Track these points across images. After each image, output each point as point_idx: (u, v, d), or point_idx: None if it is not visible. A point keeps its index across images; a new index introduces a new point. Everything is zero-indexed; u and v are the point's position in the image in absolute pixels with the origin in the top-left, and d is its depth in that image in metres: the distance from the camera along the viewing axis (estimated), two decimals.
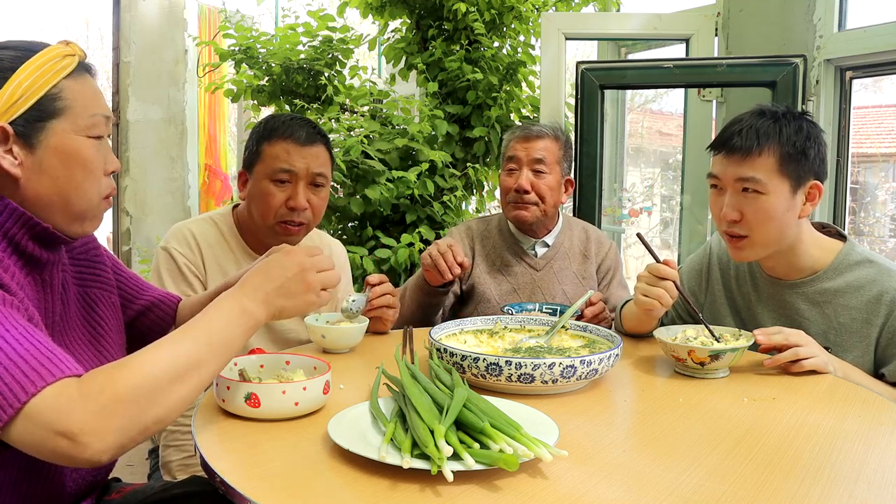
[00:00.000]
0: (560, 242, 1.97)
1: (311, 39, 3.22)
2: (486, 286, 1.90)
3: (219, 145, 4.62)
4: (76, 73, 0.93)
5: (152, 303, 1.24)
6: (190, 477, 1.27)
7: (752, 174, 1.35)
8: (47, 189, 0.92)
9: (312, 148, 1.53)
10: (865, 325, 1.39)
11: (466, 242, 1.97)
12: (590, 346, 1.34)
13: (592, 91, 2.52)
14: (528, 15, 3.20)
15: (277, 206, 1.52)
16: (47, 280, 0.96)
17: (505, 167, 1.93)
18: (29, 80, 0.89)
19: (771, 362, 1.30)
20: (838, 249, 1.45)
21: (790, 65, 2.29)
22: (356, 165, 2.81)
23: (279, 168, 1.51)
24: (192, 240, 1.55)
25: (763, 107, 1.42)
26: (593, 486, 0.81)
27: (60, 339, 0.99)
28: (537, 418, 0.97)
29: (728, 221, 1.40)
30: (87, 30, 11.68)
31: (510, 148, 1.93)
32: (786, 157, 1.35)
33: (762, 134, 1.36)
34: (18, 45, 0.92)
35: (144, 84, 4.09)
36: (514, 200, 1.88)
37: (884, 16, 2.23)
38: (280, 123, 1.55)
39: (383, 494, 0.78)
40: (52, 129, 0.91)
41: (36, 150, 0.90)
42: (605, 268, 1.99)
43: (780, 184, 1.35)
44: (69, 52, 0.94)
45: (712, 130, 2.76)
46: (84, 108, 0.93)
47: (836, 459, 0.90)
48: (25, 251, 0.91)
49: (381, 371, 1.10)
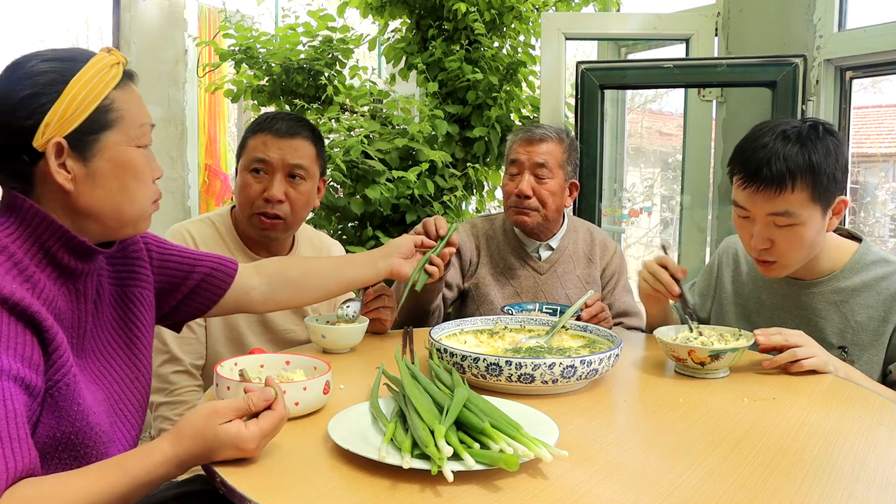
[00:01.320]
0: (564, 246, 1.95)
1: (311, 39, 3.21)
2: (489, 287, 1.90)
3: (219, 145, 4.62)
4: (123, 83, 0.94)
5: (209, 272, 1.21)
6: (190, 477, 1.27)
7: (786, 208, 1.32)
8: (99, 201, 0.92)
9: (292, 140, 1.53)
10: (883, 322, 1.39)
11: (472, 241, 1.96)
12: (590, 346, 1.34)
13: (592, 91, 2.52)
14: (528, 15, 3.20)
15: (254, 198, 1.52)
16: (80, 290, 0.95)
17: (507, 170, 1.91)
18: (83, 93, 0.89)
19: (770, 363, 1.30)
20: (854, 249, 1.46)
21: (790, 65, 2.29)
22: (356, 165, 2.81)
23: (254, 157, 1.53)
24: (190, 240, 1.55)
25: (785, 126, 1.36)
26: (593, 486, 0.81)
27: (93, 345, 0.99)
28: (537, 418, 0.97)
29: (759, 250, 1.39)
30: (87, 30, 11.67)
31: (513, 151, 1.90)
32: (819, 185, 1.31)
33: (793, 165, 1.30)
34: (65, 56, 0.92)
35: (144, 84, 4.06)
36: (515, 205, 1.86)
37: (884, 16, 2.23)
38: (266, 118, 1.57)
39: (383, 494, 0.78)
40: (105, 142, 0.92)
41: (90, 163, 0.91)
42: (610, 272, 1.97)
43: (813, 212, 1.33)
44: (115, 61, 0.94)
45: (712, 130, 2.76)
46: (134, 119, 0.95)
47: (836, 459, 0.90)
48: (60, 263, 0.91)
49: (381, 371, 1.10)
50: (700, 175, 2.78)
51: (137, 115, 0.95)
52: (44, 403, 0.86)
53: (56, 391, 0.86)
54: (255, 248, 1.60)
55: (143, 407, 1.07)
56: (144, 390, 1.07)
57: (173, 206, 4.21)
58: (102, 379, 0.99)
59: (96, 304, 1.00)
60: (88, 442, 0.89)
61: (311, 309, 1.64)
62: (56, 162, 0.88)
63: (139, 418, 1.05)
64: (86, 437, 0.90)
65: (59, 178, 0.89)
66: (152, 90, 4.12)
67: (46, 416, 0.86)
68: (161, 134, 4.15)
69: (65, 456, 0.88)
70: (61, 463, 0.88)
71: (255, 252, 1.60)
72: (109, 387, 1.00)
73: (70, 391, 0.88)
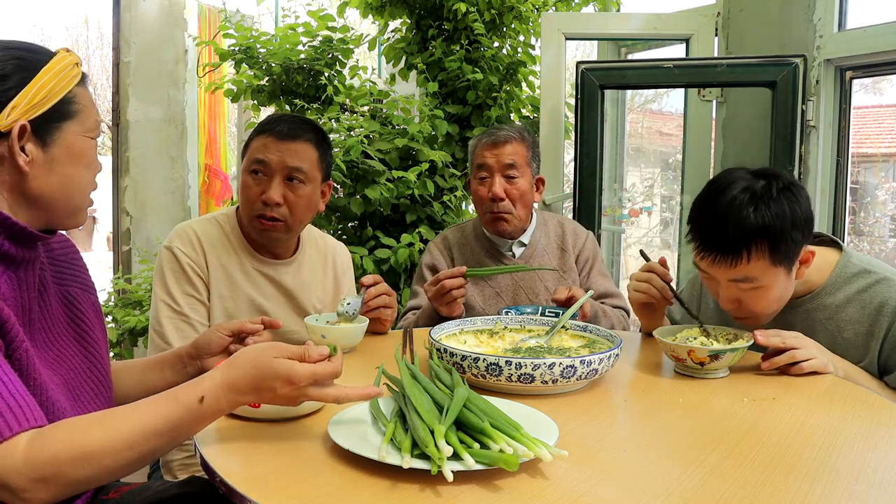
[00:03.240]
0: (536, 240, 1.96)
1: (311, 39, 3.21)
2: (469, 294, 1.89)
3: (219, 145, 4.62)
4: (82, 81, 1.01)
5: None
6: (190, 477, 1.27)
7: (745, 275, 1.30)
8: (52, 186, 0.97)
9: (293, 143, 1.51)
10: (868, 337, 1.36)
11: (445, 255, 1.97)
12: (590, 346, 1.34)
13: (592, 91, 2.52)
14: (528, 15, 3.20)
15: (253, 200, 1.52)
16: (23, 278, 0.97)
17: (476, 175, 1.91)
18: (51, 83, 0.95)
19: (769, 365, 1.29)
20: (835, 262, 1.42)
21: (790, 65, 2.29)
22: (356, 165, 2.81)
23: (254, 159, 1.52)
24: (195, 239, 1.55)
25: (740, 184, 1.30)
26: (593, 486, 0.81)
27: (43, 336, 1.01)
28: (537, 418, 0.97)
29: (727, 309, 1.37)
30: (86, 30, 11.68)
31: (479, 156, 1.90)
32: (776, 251, 1.27)
33: (746, 233, 1.26)
34: (31, 48, 0.98)
35: (144, 84, 4.09)
36: (491, 210, 1.88)
37: (884, 16, 2.23)
38: (270, 120, 1.56)
39: (383, 494, 0.78)
40: (66, 130, 0.97)
41: (49, 149, 0.96)
42: (584, 258, 1.98)
43: (775, 273, 1.30)
44: (76, 61, 1.01)
45: (712, 130, 2.76)
46: (90, 114, 1.01)
47: (836, 459, 0.90)
48: (1, 249, 0.93)
49: (381, 371, 1.10)
50: (700, 175, 2.78)
51: (92, 112, 1.02)
52: None
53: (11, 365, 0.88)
54: (259, 249, 1.60)
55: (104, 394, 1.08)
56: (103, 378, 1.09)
57: (173, 205, 4.21)
58: (56, 365, 1.01)
59: (42, 295, 1.02)
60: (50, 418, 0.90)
61: (312, 308, 1.64)
62: (18, 144, 0.93)
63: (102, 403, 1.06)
64: (48, 413, 0.91)
65: (18, 160, 0.93)
66: (152, 90, 4.11)
67: None
68: (161, 134, 4.15)
69: None
70: None
71: (260, 253, 1.60)
72: (65, 374, 1.02)
73: (23, 366, 0.90)
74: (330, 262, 1.73)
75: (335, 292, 1.72)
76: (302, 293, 1.63)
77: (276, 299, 1.60)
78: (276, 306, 1.59)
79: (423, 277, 1.92)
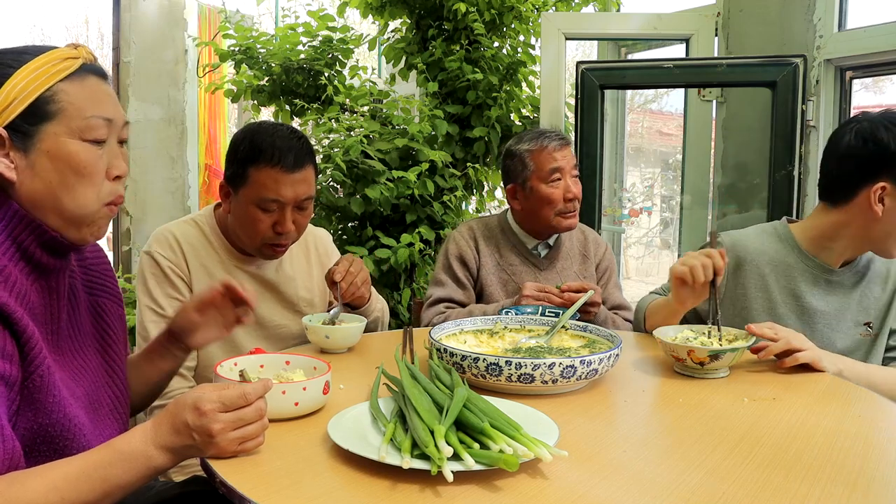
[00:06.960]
0: (561, 243, 1.99)
1: (311, 39, 3.22)
2: (493, 287, 1.91)
3: (219, 145, 4.62)
4: (76, 76, 0.91)
5: None
6: (190, 477, 1.27)
7: None
8: (39, 193, 0.90)
9: (300, 173, 1.47)
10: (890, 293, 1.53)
11: (471, 244, 1.97)
12: (590, 346, 1.34)
13: (592, 91, 2.52)
14: (528, 15, 3.20)
15: (265, 232, 1.49)
16: (53, 286, 0.95)
17: (548, 178, 1.89)
18: (23, 84, 0.88)
19: (765, 354, 1.31)
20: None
21: (790, 65, 2.29)
22: (356, 165, 2.81)
23: (268, 198, 1.46)
24: (174, 243, 1.54)
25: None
26: (593, 486, 0.81)
27: (69, 344, 0.99)
28: (537, 418, 0.97)
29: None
30: (87, 30, 11.67)
31: (552, 159, 1.89)
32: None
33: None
34: (24, 49, 0.91)
35: (144, 84, 4.09)
36: (565, 211, 1.90)
37: (884, 16, 2.23)
38: (267, 145, 1.46)
39: (383, 494, 0.78)
40: (44, 132, 0.89)
41: (30, 154, 0.89)
42: (603, 268, 2.02)
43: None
44: (71, 55, 0.92)
45: (712, 130, 2.76)
46: (79, 111, 0.90)
47: (836, 459, 0.90)
48: (33, 258, 0.91)
49: (381, 371, 1.10)
50: (700, 175, 2.78)
51: (85, 108, 0.91)
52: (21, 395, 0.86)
53: (31, 383, 0.87)
54: (241, 249, 1.59)
55: (121, 409, 1.07)
56: (121, 394, 1.07)
57: (173, 206, 4.22)
58: (79, 376, 0.99)
59: (71, 303, 1.00)
60: (67, 434, 0.90)
61: (299, 299, 1.64)
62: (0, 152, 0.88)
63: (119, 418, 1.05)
64: (64, 430, 0.90)
65: (0, 167, 0.88)
66: (152, 90, 4.12)
67: (24, 408, 0.87)
68: (161, 134, 4.15)
69: (44, 449, 0.88)
70: (42, 456, 0.87)
71: (241, 253, 1.59)
72: (86, 384, 1.00)
73: (44, 382, 0.88)
74: (312, 249, 1.73)
75: (323, 278, 1.71)
76: (287, 286, 1.63)
77: (260, 294, 1.59)
78: (260, 301, 1.58)
79: (449, 268, 1.94)
